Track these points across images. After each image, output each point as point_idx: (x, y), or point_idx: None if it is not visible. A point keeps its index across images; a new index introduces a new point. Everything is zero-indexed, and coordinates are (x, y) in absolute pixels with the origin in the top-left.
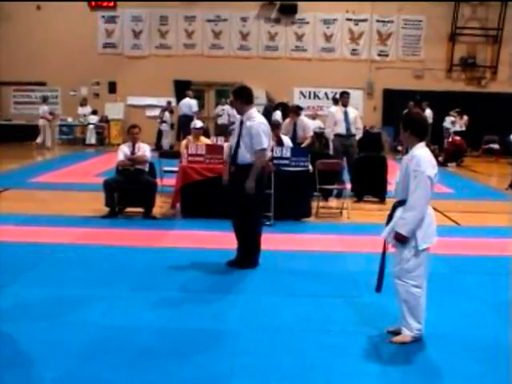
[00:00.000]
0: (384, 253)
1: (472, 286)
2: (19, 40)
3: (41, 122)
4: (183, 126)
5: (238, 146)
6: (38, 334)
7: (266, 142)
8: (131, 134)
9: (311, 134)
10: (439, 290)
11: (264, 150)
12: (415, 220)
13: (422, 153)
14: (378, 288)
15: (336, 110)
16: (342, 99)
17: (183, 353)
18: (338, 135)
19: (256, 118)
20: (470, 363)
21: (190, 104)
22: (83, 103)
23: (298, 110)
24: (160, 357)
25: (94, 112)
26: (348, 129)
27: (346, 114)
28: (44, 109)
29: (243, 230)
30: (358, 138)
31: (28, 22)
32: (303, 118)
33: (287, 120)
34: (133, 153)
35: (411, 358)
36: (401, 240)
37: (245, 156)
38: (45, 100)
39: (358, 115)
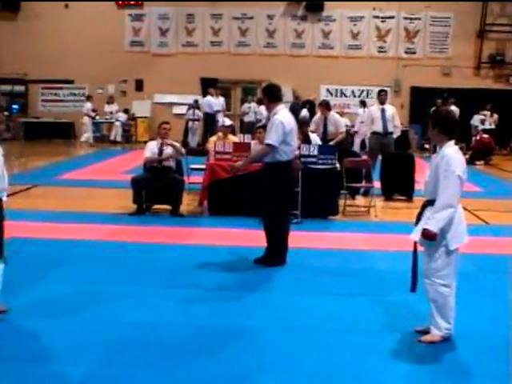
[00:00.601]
0: (415, 252)
1: (500, 286)
2: (47, 38)
3: (85, 120)
4: (205, 124)
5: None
6: (66, 330)
7: (275, 137)
8: (163, 129)
9: (343, 129)
10: (467, 289)
11: (269, 145)
12: (445, 219)
13: (451, 152)
14: (413, 288)
15: (374, 108)
16: (380, 97)
17: (211, 350)
18: (374, 133)
19: (279, 114)
20: (498, 363)
21: (210, 102)
22: (110, 101)
23: (328, 105)
24: (187, 354)
25: (126, 110)
26: (385, 127)
27: (383, 111)
28: (88, 106)
29: (270, 227)
30: (395, 136)
31: (56, 21)
32: (334, 114)
33: (317, 115)
34: (161, 149)
35: (440, 358)
36: (429, 237)
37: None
38: (88, 98)
39: (396, 113)
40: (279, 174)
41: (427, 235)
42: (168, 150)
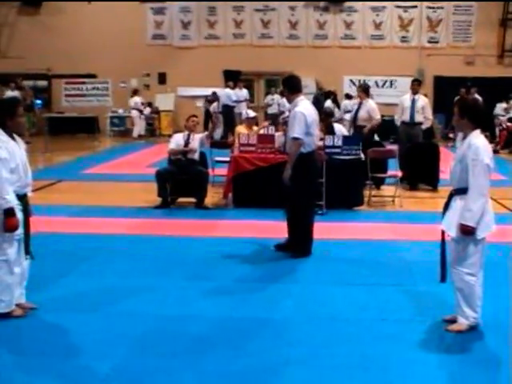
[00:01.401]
0: (443, 241)
1: None
2: (70, 33)
3: (133, 114)
4: (224, 116)
5: (286, 135)
6: (93, 324)
7: (299, 130)
8: (191, 122)
9: (378, 117)
10: (494, 278)
11: (295, 138)
12: (480, 209)
13: (479, 141)
14: (443, 278)
15: (405, 98)
16: (412, 86)
17: (238, 342)
18: (403, 122)
19: (299, 105)
20: None
21: (228, 94)
22: (134, 94)
23: (366, 90)
24: (215, 346)
25: (149, 104)
26: (412, 117)
27: (413, 101)
28: (136, 100)
29: (295, 219)
30: (424, 127)
31: (78, 16)
32: (370, 101)
33: (354, 100)
34: (187, 142)
35: (468, 347)
36: (469, 232)
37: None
38: (135, 92)
39: (428, 104)
40: (302, 165)
41: (466, 230)
42: (194, 143)
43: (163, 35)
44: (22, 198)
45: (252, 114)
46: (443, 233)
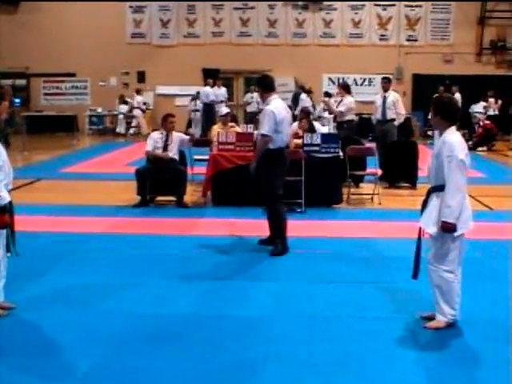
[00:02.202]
0: (419, 239)
1: (505, 271)
2: (49, 32)
3: (138, 113)
4: (204, 114)
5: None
6: (73, 322)
7: (268, 127)
8: (170, 122)
9: (403, 112)
10: (472, 275)
11: (263, 135)
12: (459, 205)
13: (453, 138)
14: (415, 275)
15: (377, 96)
16: (382, 85)
17: (217, 340)
18: (377, 120)
19: (270, 104)
20: (503, 349)
21: (207, 92)
22: (137, 93)
23: (347, 87)
24: (194, 344)
25: (125, 102)
26: (383, 114)
27: (384, 99)
28: (138, 99)
29: (269, 215)
30: (397, 123)
31: (57, 14)
32: (350, 98)
33: (334, 98)
34: (166, 143)
35: (446, 344)
36: (450, 229)
37: None
38: (138, 92)
39: (399, 99)
40: (269, 160)
41: (446, 227)
42: (173, 147)
43: (142, 34)
44: None
45: (224, 110)
46: (420, 229)
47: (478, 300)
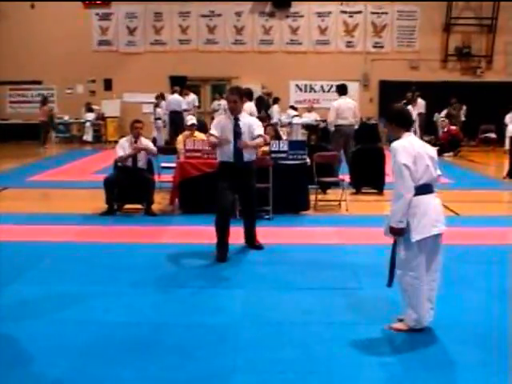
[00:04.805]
0: (394, 245)
1: (472, 276)
2: (13, 39)
3: (158, 124)
4: (172, 122)
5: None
6: (40, 332)
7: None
8: (135, 128)
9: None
10: (441, 280)
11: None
12: (400, 210)
13: (398, 143)
14: (390, 282)
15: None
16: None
17: (185, 348)
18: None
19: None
20: (472, 352)
21: (178, 100)
22: (156, 106)
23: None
24: (162, 353)
25: (91, 109)
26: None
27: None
28: (158, 110)
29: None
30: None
31: (22, 21)
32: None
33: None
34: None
35: (413, 349)
36: (395, 232)
37: (249, 152)
38: (156, 105)
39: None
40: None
41: (392, 231)
42: (142, 156)
43: (109, 41)
44: None
45: (190, 121)
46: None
47: (445, 304)
